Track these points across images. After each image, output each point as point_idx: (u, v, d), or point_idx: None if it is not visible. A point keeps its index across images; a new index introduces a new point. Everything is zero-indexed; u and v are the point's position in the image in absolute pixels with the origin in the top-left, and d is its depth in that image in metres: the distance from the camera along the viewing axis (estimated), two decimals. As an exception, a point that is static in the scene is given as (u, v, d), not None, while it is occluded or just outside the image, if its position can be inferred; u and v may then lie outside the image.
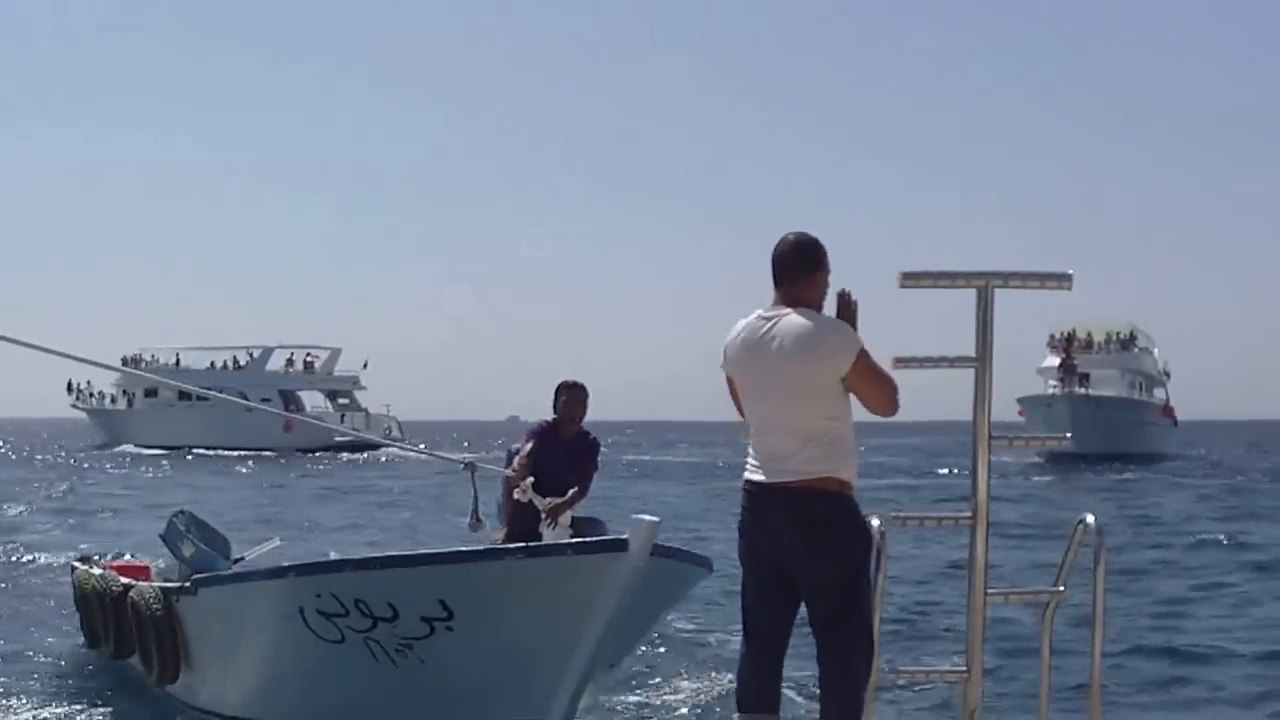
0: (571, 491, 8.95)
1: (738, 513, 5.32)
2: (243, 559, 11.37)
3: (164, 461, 55.99)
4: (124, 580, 10.90)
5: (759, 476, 5.22)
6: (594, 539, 7.52)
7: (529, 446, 9.25)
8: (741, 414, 5.39)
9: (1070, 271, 5.18)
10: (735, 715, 5.31)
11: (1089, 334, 65.49)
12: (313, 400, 71.39)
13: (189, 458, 59.17)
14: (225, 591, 9.13)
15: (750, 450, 5.31)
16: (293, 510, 30.55)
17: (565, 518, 8.79)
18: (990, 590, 5.14)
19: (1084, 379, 61.67)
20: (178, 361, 71.11)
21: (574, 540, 7.65)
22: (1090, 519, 5.18)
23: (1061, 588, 5.33)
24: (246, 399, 55.94)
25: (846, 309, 5.29)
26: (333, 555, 12.75)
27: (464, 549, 7.93)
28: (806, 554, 5.11)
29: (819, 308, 5.28)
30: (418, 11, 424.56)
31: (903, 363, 5.29)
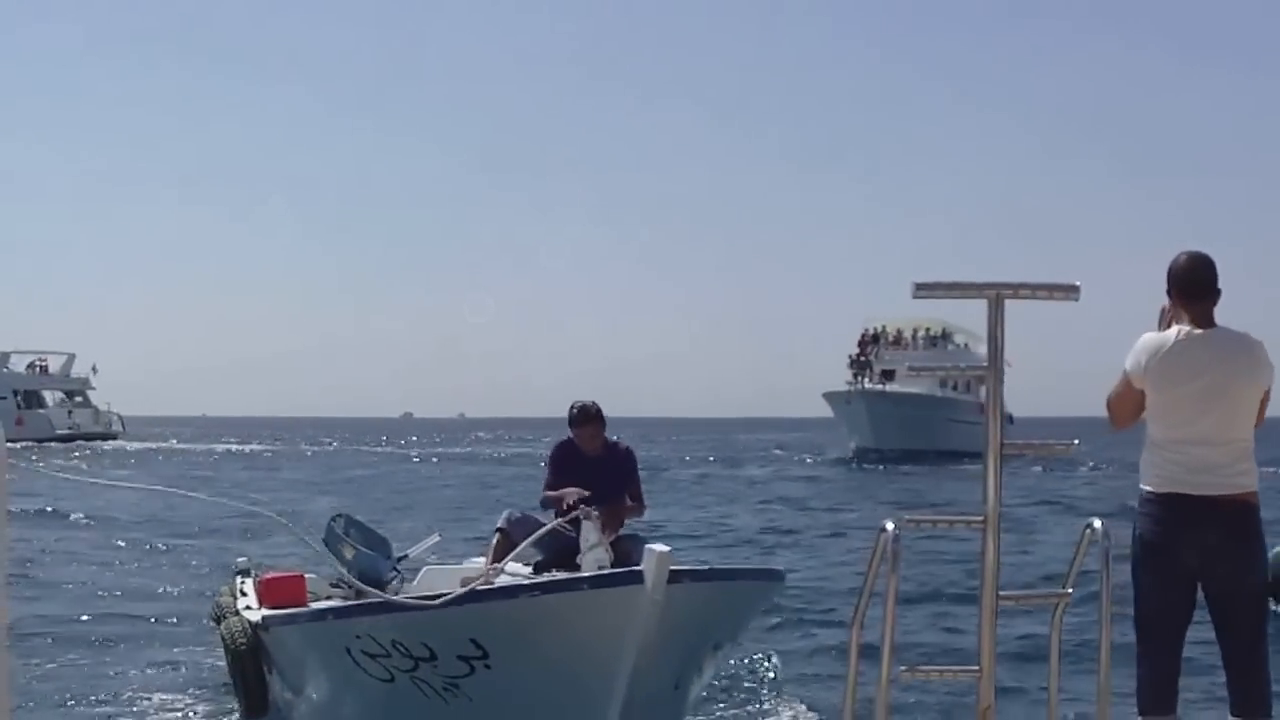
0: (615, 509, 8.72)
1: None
2: (405, 557, 11.33)
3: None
4: (226, 609, 10.76)
5: (1188, 490, 5.45)
6: (608, 572, 7.54)
7: (548, 477, 9.05)
8: (1118, 423, 5.69)
9: (1078, 283, 5.31)
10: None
11: (899, 330, 65.40)
12: (54, 398, 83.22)
13: None
14: (285, 631, 9.21)
15: (1167, 461, 5.52)
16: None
17: (596, 534, 8.47)
18: (1001, 593, 5.28)
19: (888, 375, 62.14)
20: None
21: (587, 574, 7.61)
22: (1097, 523, 5.30)
23: (1069, 590, 5.45)
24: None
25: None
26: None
27: (485, 588, 7.86)
28: (1236, 563, 5.43)
29: None
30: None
31: (915, 371, 5.46)
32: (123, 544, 24.35)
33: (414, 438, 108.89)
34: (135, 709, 11.31)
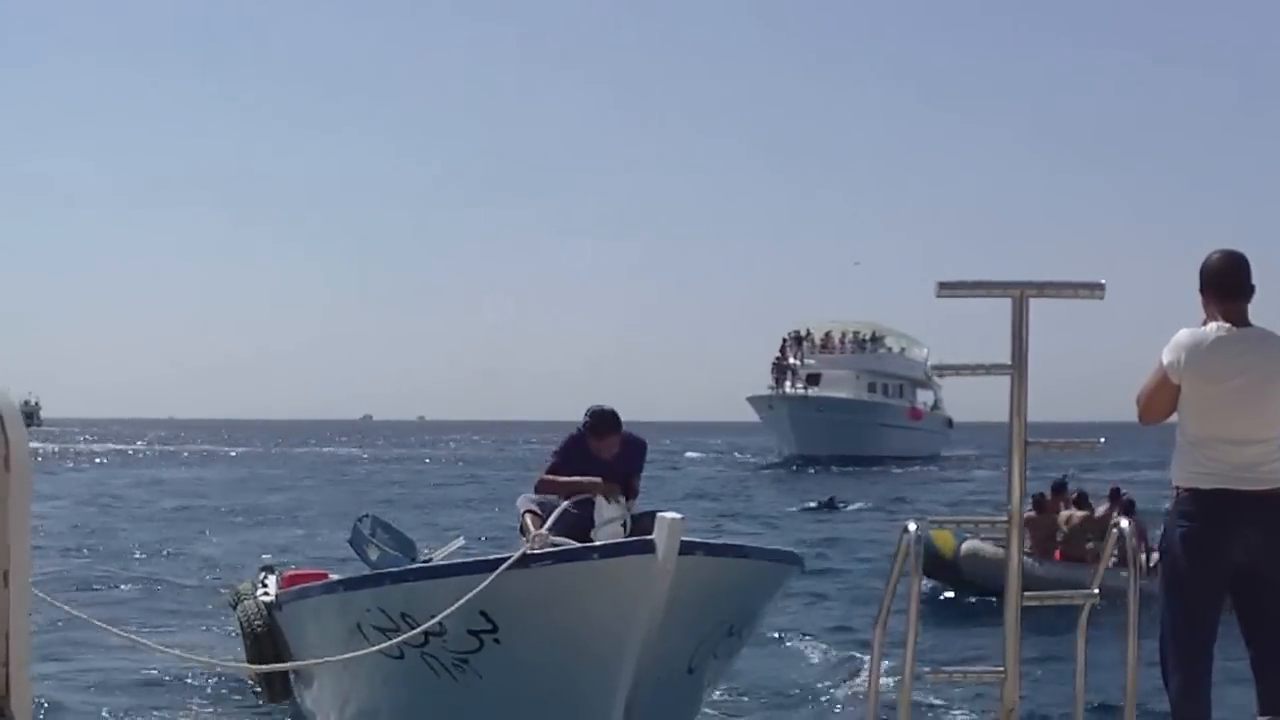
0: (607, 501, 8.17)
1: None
2: (429, 560, 11.20)
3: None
4: (244, 594, 10.70)
5: (1233, 485, 5.47)
6: (619, 541, 7.41)
7: (554, 462, 8.53)
8: (1149, 417, 5.68)
9: (1103, 281, 5.27)
10: None
11: (827, 334, 63.84)
12: None
13: None
14: (298, 607, 9.16)
15: (1209, 458, 5.51)
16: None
17: (611, 509, 8.15)
18: (1026, 592, 5.23)
19: (813, 379, 60.71)
20: None
21: (599, 544, 7.46)
22: (1124, 523, 5.25)
23: (1096, 591, 5.40)
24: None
25: None
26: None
27: (494, 557, 7.64)
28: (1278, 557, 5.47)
29: None
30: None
31: (939, 370, 5.40)
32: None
33: (366, 440, 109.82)
34: (158, 691, 11.37)
